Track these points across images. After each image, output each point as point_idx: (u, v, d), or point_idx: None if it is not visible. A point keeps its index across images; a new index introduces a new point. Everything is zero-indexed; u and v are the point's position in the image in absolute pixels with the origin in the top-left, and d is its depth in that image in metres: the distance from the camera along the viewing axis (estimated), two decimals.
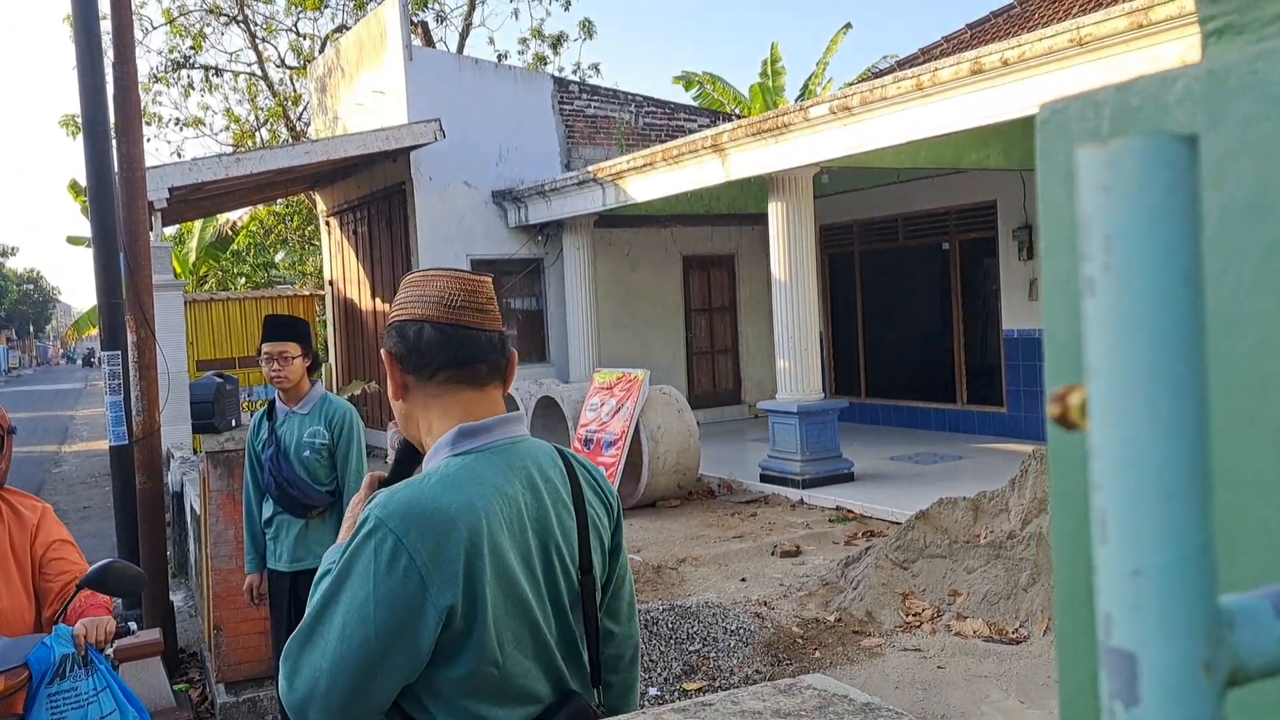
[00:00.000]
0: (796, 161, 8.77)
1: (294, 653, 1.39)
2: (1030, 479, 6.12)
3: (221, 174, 10.95)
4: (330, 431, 3.93)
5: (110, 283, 5.37)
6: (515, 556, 1.43)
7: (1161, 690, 0.26)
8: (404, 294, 1.56)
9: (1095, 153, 0.28)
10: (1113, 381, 0.27)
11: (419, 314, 1.52)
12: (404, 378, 1.53)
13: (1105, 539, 0.28)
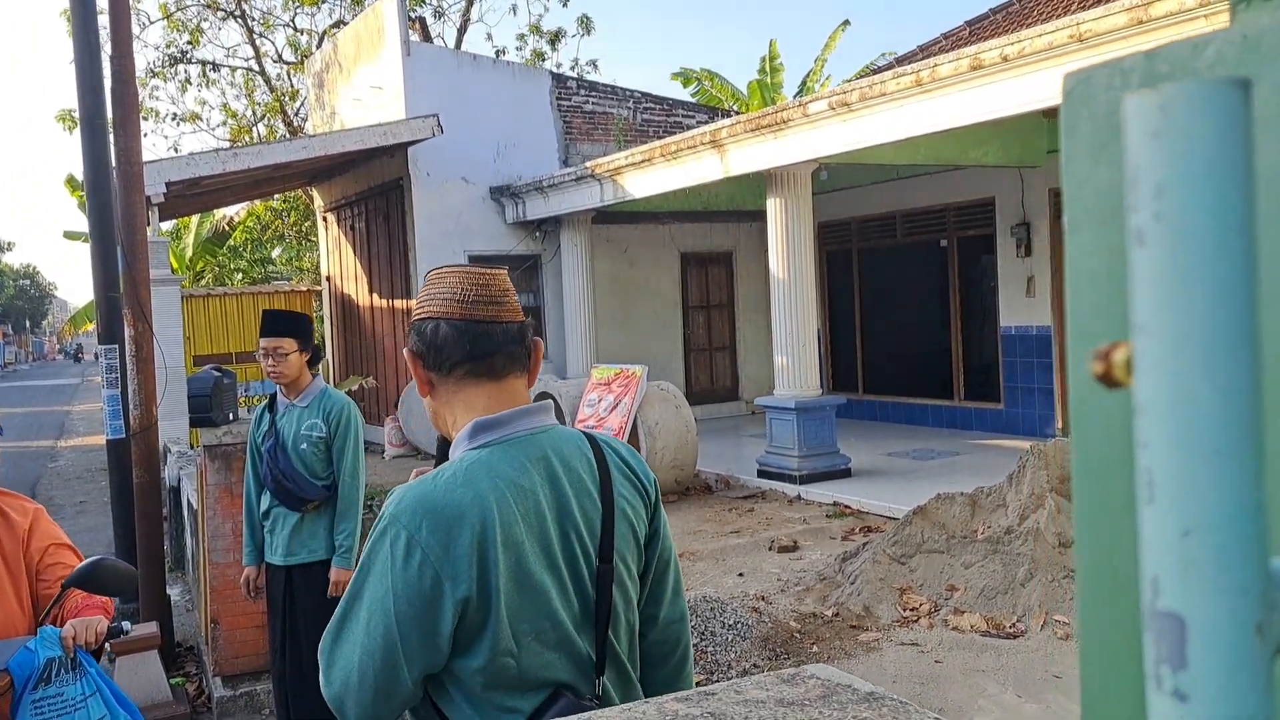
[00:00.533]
0: (795, 157, 8.76)
1: (328, 648, 1.45)
2: (1028, 475, 6.12)
3: (219, 169, 10.92)
4: (327, 425, 3.92)
5: (108, 277, 5.35)
6: (533, 549, 1.45)
7: (1211, 653, 0.25)
8: (423, 293, 1.59)
9: (1146, 99, 0.27)
10: (1162, 335, 0.26)
11: (435, 311, 1.55)
12: (427, 375, 1.56)
13: (1152, 498, 0.27)
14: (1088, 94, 0.45)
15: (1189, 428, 0.26)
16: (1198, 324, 0.25)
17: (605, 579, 1.54)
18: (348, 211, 15.27)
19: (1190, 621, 0.26)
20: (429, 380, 1.56)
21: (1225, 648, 0.25)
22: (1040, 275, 10.93)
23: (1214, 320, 0.25)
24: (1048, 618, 5.23)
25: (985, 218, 11.58)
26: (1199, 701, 0.26)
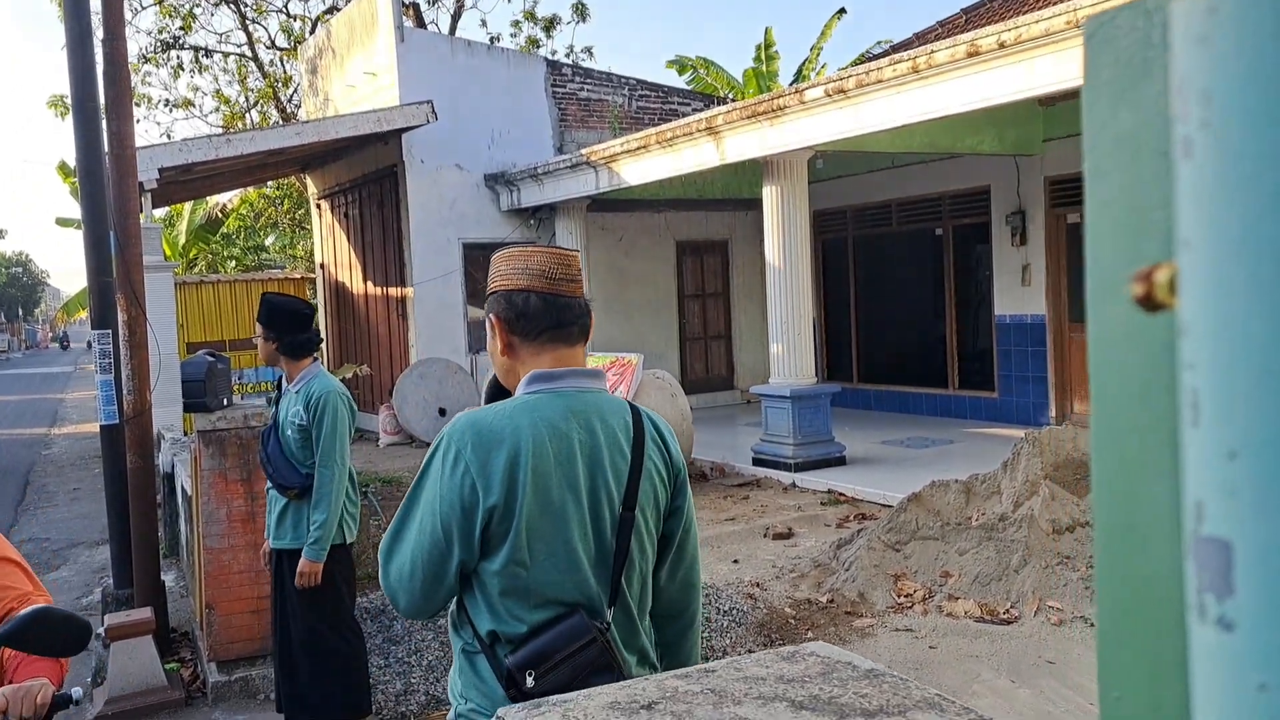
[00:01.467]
0: (792, 144, 8.74)
1: (388, 547, 1.73)
2: (1022, 462, 6.14)
3: (212, 155, 10.86)
4: (307, 412, 3.86)
5: (100, 261, 5.31)
6: (559, 482, 1.71)
7: (1259, 578, 0.24)
8: (506, 266, 1.84)
9: (1194, 2, 0.26)
10: (1209, 251, 0.25)
11: (524, 284, 1.81)
12: (510, 338, 1.82)
13: (1197, 421, 0.26)
14: (1110, 36, 0.44)
15: (1236, 346, 0.25)
16: (1247, 237, 0.24)
17: (626, 525, 1.77)
18: (341, 199, 15.20)
19: (1237, 546, 0.25)
20: (509, 343, 1.82)
21: (1274, 572, 0.24)
22: (1035, 264, 10.93)
23: (1264, 232, 0.24)
24: (1041, 604, 5.24)
25: (981, 206, 11.57)
26: (1246, 629, 0.25)
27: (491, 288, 1.86)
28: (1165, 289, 0.29)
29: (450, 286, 13.10)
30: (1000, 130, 10.19)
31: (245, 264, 21.92)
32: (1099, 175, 0.43)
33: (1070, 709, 4.18)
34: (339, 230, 15.53)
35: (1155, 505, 0.38)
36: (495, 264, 1.86)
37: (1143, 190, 0.42)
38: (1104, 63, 0.43)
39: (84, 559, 8.15)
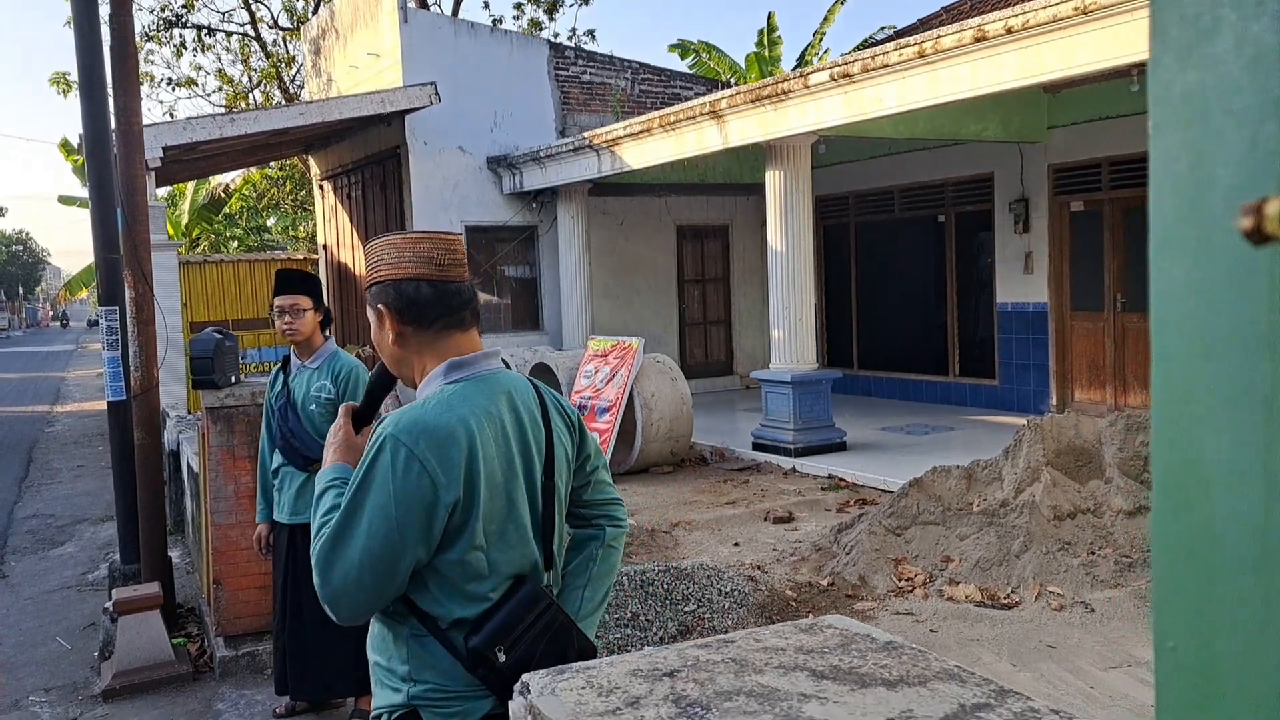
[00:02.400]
0: (795, 129, 8.73)
1: (325, 554, 1.69)
2: (1024, 449, 6.17)
3: (215, 134, 10.84)
4: (336, 386, 3.96)
5: (107, 238, 5.32)
6: (500, 464, 1.76)
7: None
8: (390, 254, 1.82)
9: None
10: None
11: (413, 273, 1.80)
12: (401, 328, 1.81)
13: None
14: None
15: None
16: None
17: (549, 493, 1.86)
18: (344, 180, 15.18)
19: None
20: (401, 333, 1.81)
21: None
22: (1038, 251, 10.94)
23: None
24: (1042, 589, 5.29)
25: (984, 193, 11.57)
26: None
27: (375, 277, 1.84)
28: (1275, 221, 0.31)
29: None
30: (1005, 117, 10.19)
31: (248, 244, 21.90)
32: (1163, 131, 0.44)
33: (1070, 692, 4.23)
34: (341, 212, 15.52)
35: (1218, 457, 0.40)
36: (377, 251, 1.84)
37: (1208, 147, 0.44)
38: (1170, 21, 0.45)
39: (89, 535, 8.19)
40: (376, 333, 1.85)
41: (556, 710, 1.14)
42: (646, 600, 5.18)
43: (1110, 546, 5.59)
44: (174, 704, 4.53)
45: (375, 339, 1.85)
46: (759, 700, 1.14)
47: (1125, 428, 6.06)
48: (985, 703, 1.11)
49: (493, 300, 13.61)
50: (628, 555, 6.43)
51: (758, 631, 1.37)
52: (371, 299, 1.84)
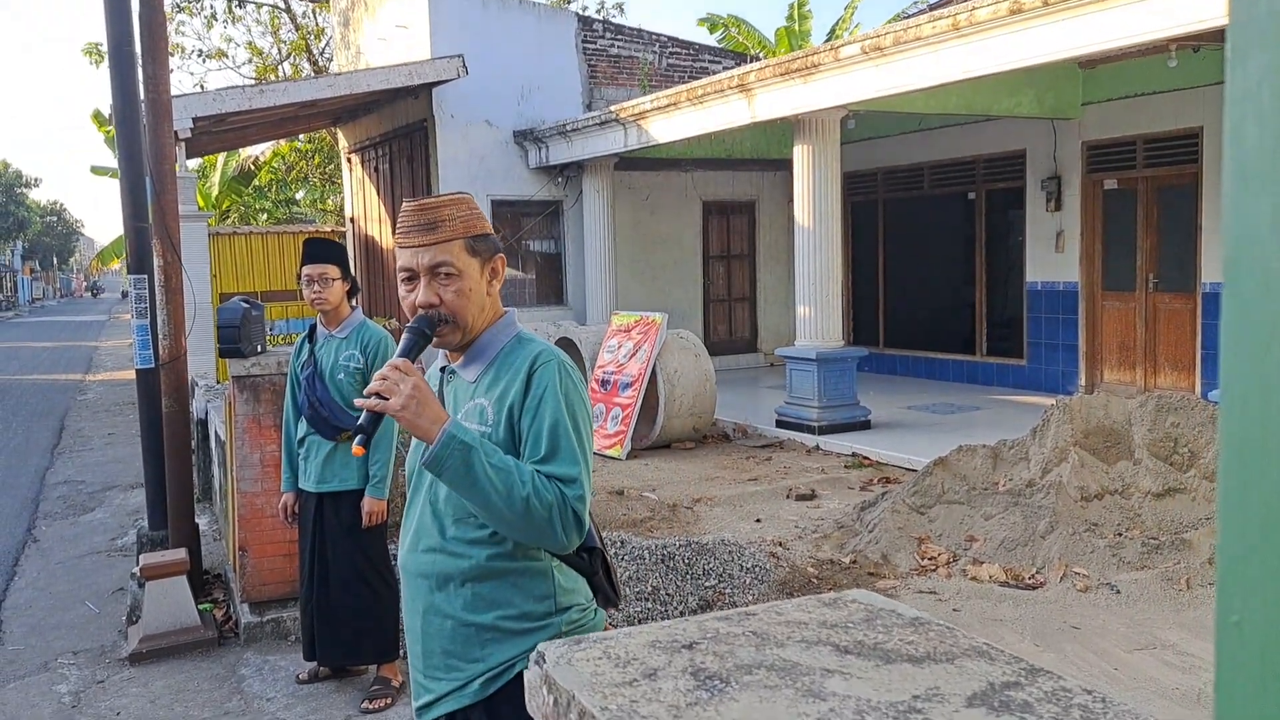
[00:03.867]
0: (825, 103, 8.62)
1: (583, 468, 1.84)
2: (1052, 428, 6.10)
3: (245, 105, 10.86)
4: (364, 356, 3.97)
5: (136, 207, 5.35)
6: None
7: None
8: (477, 209, 1.96)
9: None
10: None
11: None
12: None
13: None
14: None
15: None
16: None
17: None
18: (372, 153, 15.19)
19: None
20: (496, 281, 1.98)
21: None
22: (1070, 230, 10.78)
23: None
24: (1068, 570, 5.24)
25: (1015, 170, 11.40)
26: None
27: (485, 226, 1.96)
28: None
29: None
30: (1038, 92, 10.01)
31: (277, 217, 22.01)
32: (1244, 55, 0.41)
33: (1094, 673, 4.19)
34: (369, 184, 15.54)
35: None
36: (468, 205, 1.95)
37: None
38: None
39: (118, 502, 8.30)
40: (483, 283, 1.93)
41: (572, 680, 1.13)
42: (667, 575, 5.18)
43: (1138, 528, 5.52)
44: (199, 669, 4.59)
45: (465, 288, 1.89)
46: (780, 674, 1.12)
47: (1156, 409, 5.97)
48: (1015, 681, 1.08)
49: (517, 275, 13.60)
50: (649, 529, 6.43)
51: (780, 605, 1.35)
52: (487, 248, 1.93)
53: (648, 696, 1.05)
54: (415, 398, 1.75)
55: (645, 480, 7.84)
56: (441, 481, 1.80)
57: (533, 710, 1.20)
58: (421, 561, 1.92)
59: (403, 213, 1.90)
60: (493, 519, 1.79)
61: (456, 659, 1.88)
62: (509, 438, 1.86)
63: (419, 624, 1.93)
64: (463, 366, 1.96)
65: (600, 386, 9.25)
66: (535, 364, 1.88)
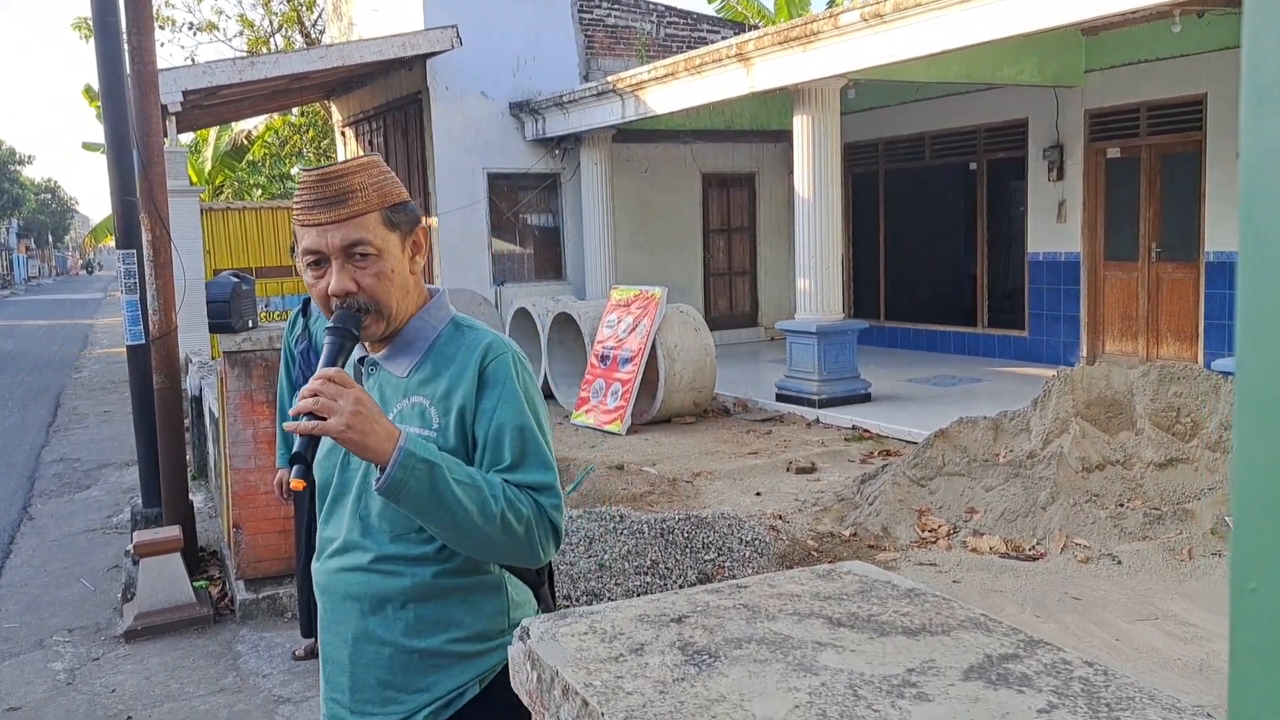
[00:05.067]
0: (825, 72, 8.51)
1: (553, 472, 1.63)
2: (1053, 399, 6.05)
3: (235, 78, 10.74)
4: None
5: (124, 181, 5.27)
6: None
7: None
8: (391, 175, 1.66)
9: None
10: None
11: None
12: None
13: None
14: None
15: None
16: None
17: None
18: (366, 126, 15.06)
19: None
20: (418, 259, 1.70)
21: None
22: (1072, 200, 10.69)
23: None
24: (1068, 541, 5.20)
25: (1017, 140, 11.29)
26: None
27: (402, 195, 1.65)
28: None
29: (475, 217, 13.01)
30: (1040, 60, 9.88)
31: (271, 192, 21.88)
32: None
33: (1095, 644, 4.16)
34: None
35: None
36: (381, 169, 1.64)
37: None
38: None
39: (114, 479, 8.28)
40: (406, 261, 1.63)
41: (557, 656, 1.08)
42: (667, 549, 5.15)
43: (1139, 499, 5.48)
44: (195, 645, 4.57)
45: (385, 270, 1.59)
46: (770, 648, 1.07)
47: (1158, 379, 5.92)
48: (1013, 653, 1.03)
49: (515, 249, 13.52)
50: (649, 504, 6.39)
51: (772, 577, 1.31)
52: (406, 219, 1.63)
53: (634, 672, 1.00)
54: (360, 413, 1.45)
55: (645, 455, 7.81)
56: (399, 507, 1.52)
57: (516, 687, 1.16)
58: (351, 582, 1.64)
59: (302, 185, 1.59)
60: (460, 542, 1.55)
61: (396, 690, 1.63)
62: (460, 443, 1.60)
63: (346, 653, 1.65)
64: (388, 358, 1.66)
65: (600, 362, 9.20)
66: (487, 358, 1.63)
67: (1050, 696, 0.92)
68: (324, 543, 1.71)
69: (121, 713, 4.01)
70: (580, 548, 5.20)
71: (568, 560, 5.01)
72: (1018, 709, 0.90)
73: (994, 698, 0.92)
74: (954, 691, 0.94)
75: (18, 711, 4.08)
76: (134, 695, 4.15)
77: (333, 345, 1.56)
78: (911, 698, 0.92)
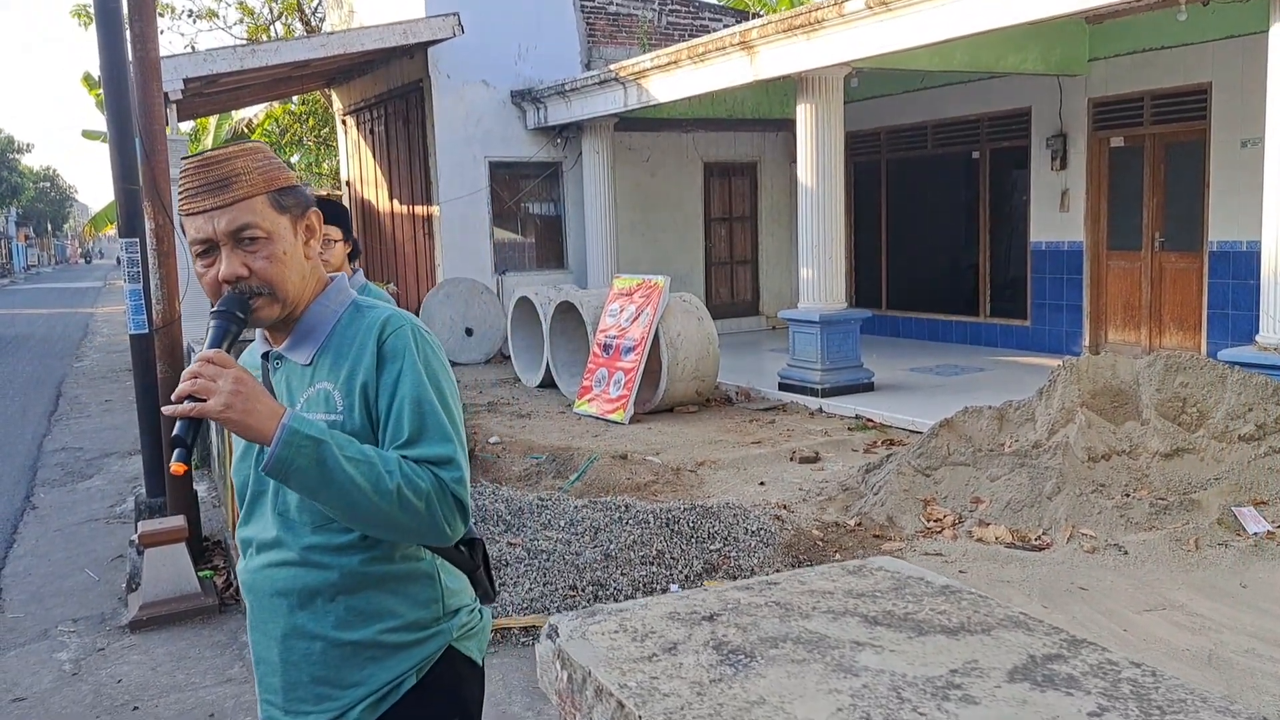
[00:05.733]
0: (828, 60, 8.46)
1: (456, 444, 1.57)
2: (1059, 389, 6.03)
3: (236, 65, 10.67)
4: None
5: (126, 168, 5.23)
6: None
7: None
8: (277, 160, 1.63)
9: None
10: None
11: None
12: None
13: None
14: None
15: None
16: None
17: None
18: (367, 114, 14.99)
19: None
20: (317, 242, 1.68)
21: None
22: (1075, 189, 10.65)
23: None
24: (1074, 531, 5.19)
25: (1020, 129, 11.24)
26: None
27: (289, 178, 1.62)
28: None
29: (476, 205, 12.96)
30: (1044, 48, 9.83)
31: None
32: None
33: (1102, 634, 4.15)
34: (365, 147, 15.36)
35: None
36: (264, 153, 1.62)
37: None
38: None
39: (116, 469, 8.25)
40: (300, 246, 1.61)
41: (588, 656, 1.06)
42: (672, 538, 5.14)
43: (1145, 489, 5.47)
44: (200, 635, 4.56)
45: (277, 253, 1.56)
46: (808, 648, 1.06)
47: (1165, 368, 5.90)
48: (1057, 653, 1.02)
49: (516, 238, 13.48)
50: (652, 494, 6.38)
51: (802, 573, 1.29)
52: (296, 202, 1.60)
53: (669, 673, 0.98)
54: (240, 393, 1.42)
55: (649, 444, 7.79)
56: (289, 488, 1.50)
57: (544, 687, 1.14)
58: (277, 578, 1.61)
59: (183, 173, 1.56)
60: (359, 522, 1.52)
61: (330, 686, 1.61)
62: (366, 424, 1.57)
63: (277, 652, 1.62)
64: (291, 348, 1.62)
65: (602, 351, 9.18)
66: (385, 332, 1.58)
67: (1100, 699, 0.90)
68: (245, 543, 1.68)
69: (128, 703, 4.00)
70: (586, 537, 5.19)
71: (574, 550, 5.00)
72: (1067, 712, 0.88)
73: (1042, 700, 0.91)
74: (1000, 694, 0.92)
75: (24, 702, 4.07)
76: (140, 685, 4.13)
77: (217, 329, 1.52)
78: (957, 700, 0.91)
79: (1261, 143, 6.34)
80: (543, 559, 4.91)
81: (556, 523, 5.39)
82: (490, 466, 7.01)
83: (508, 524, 5.37)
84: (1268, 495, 5.29)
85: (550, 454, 7.22)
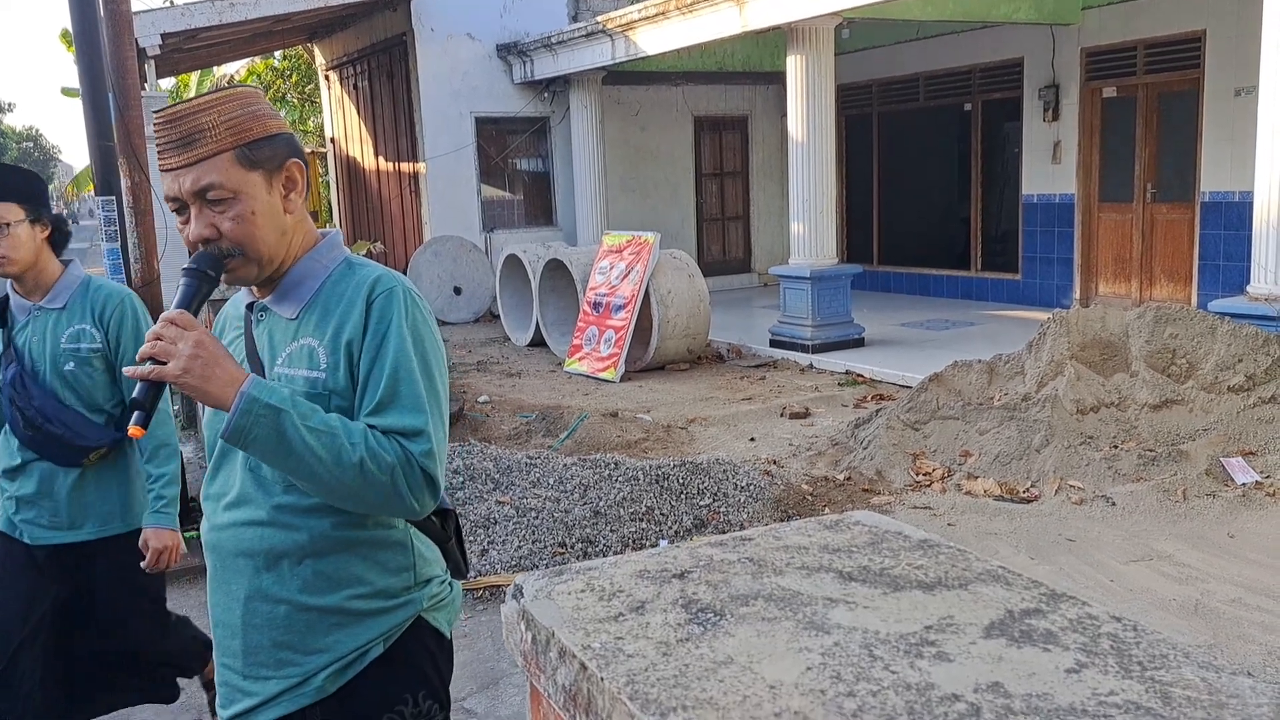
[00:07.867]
0: (819, 10, 8.31)
1: (433, 419, 1.51)
2: (1048, 342, 6.01)
3: (215, 20, 10.47)
4: (103, 330, 2.65)
5: (100, 125, 5.12)
6: None
7: None
8: (268, 105, 1.57)
9: None
10: None
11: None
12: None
13: None
14: None
15: None
16: None
17: None
18: (350, 70, 14.76)
19: None
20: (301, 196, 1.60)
21: None
22: (1067, 141, 10.55)
23: None
24: (1062, 483, 5.20)
25: (1012, 80, 11.11)
26: None
27: (279, 126, 1.55)
28: None
29: (463, 162, 12.81)
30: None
31: None
32: None
33: (1089, 584, 4.17)
34: (348, 103, 15.14)
35: None
36: (255, 100, 1.54)
37: None
38: None
39: None
40: (277, 200, 1.53)
41: (552, 616, 1.03)
42: (662, 495, 5.13)
43: (1133, 440, 5.47)
44: (186, 595, 4.54)
45: (245, 213, 1.49)
46: (779, 605, 1.02)
47: (1154, 320, 5.87)
48: (1035, 608, 0.98)
49: (505, 195, 13.34)
50: (643, 450, 6.37)
51: (778, 528, 1.25)
52: (271, 155, 1.52)
53: (634, 633, 0.95)
54: (200, 357, 1.38)
55: (639, 402, 7.77)
56: (249, 454, 1.48)
57: (510, 647, 1.11)
58: (242, 537, 1.55)
59: (155, 127, 1.50)
60: (322, 492, 1.48)
61: (292, 651, 1.55)
62: (349, 382, 1.52)
63: (239, 614, 1.56)
64: (276, 301, 1.57)
65: (592, 309, 9.12)
66: (374, 292, 1.52)
67: (1078, 655, 0.87)
68: (212, 499, 1.63)
69: None
70: (575, 495, 5.18)
71: (563, 508, 4.99)
72: (1044, 668, 0.85)
73: (1018, 656, 0.87)
74: (975, 650, 0.89)
75: None
76: None
77: (187, 287, 1.48)
78: (931, 657, 0.88)
79: (1255, 91, 6.25)
80: (531, 517, 4.90)
81: (546, 480, 5.37)
82: (480, 425, 6.99)
83: (496, 482, 5.35)
84: (1256, 446, 5.29)
85: (540, 412, 7.20)
